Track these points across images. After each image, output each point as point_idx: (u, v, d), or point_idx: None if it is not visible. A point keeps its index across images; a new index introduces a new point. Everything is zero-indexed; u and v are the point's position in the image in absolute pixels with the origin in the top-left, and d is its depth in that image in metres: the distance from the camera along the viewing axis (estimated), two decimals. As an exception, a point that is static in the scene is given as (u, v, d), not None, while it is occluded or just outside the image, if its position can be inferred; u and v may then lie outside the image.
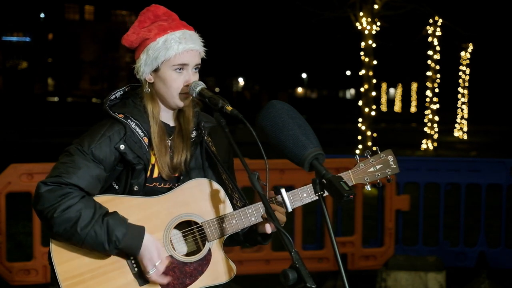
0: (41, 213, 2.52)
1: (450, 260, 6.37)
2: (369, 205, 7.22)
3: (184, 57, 2.65)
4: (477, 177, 6.53)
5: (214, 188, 2.69)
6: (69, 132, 23.23)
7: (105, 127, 2.63)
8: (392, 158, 2.77)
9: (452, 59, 26.15)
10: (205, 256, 2.64)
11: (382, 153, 2.76)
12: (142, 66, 2.66)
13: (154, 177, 2.68)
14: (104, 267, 2.58)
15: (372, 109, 13.91)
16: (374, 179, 2.74)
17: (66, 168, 2.54)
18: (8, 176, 5.32)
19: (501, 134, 29.27)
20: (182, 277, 2.62)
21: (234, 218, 2.64)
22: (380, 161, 2.75)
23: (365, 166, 2.73)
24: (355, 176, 2.72)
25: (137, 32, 2.69)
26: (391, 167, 2.76)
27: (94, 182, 2.57)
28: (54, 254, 2.57)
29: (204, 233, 2.64)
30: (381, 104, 59.32)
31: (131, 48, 2.72)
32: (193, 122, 2.75)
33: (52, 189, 2.51)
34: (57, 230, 2.50)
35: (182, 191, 2.66)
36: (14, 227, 8.05)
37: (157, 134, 2.66)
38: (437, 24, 20.13)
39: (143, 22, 2.71)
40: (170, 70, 2.65)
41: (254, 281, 6.24)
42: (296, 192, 2.68)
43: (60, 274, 2.56)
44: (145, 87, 2.69)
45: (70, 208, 2.49)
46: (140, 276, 2.60)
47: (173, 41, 2.63)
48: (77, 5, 61.08)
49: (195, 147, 2.73)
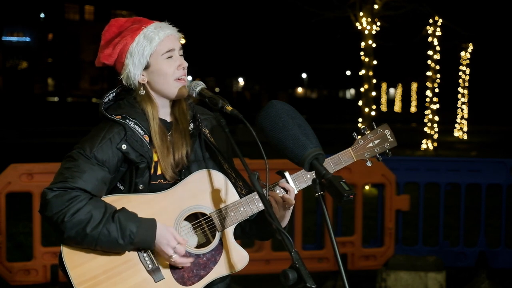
0: (51, 219, 2.51)
1: (450, 260, 6.37)
2: (369, 205, 7.22)
3: (168, 43, 2.68)
4: (477, 177, 6.53)
5: (219, 178, 2.69)
6: (69, 132, 23.24)
7: (104, 130, 2.63)
8: (389, 132, 2.80)
9: (452, 59, 26.15)
10: (217, 246, 2.66)
11: (378, 128, 2.80)
12: (132, 70, 2.67)
13: (157, 174, 2.69)
14: (118, 267, 2.57)
15: (372, 109, 13.90)
16: (374, 154, 2.77)
17: (71, 172, 2.54)
18: (8, 176, 5.32)
19: (501, 134, 29.27)
20: (196, 269, 2.63)
21: (241, 206, 2.65)
22: (377, 135, 2.78)
23: (364, 142, 2.76)
24: (356, 152, 2.75)
25: (111, 46, 2.70)
26: (389, 140, 2.79)
27: (100, 184, 2.58)
28: (66, 259, 2.56)
29: (213, 223, 2.65)
30: (381, 104, 59.29)
31: (109, 64, 2.73)
32: (189, 115, 2.76)
33: (59, 194, 2.51)
34: (69, 234, 2.50)
35: (188, 184, 2.66)
36: (14, 227, 8.05)
37: (159, 135, 2.66)
38: (437, 24, 20.13)
39: (109, 37, 2.73)
40: (161, 59, 2.67)
41: (254, 281, 6.25)
42: (300, 174, 2.70)
43: (74, 278, 2.55)
44: (140, 90, 2.69)
45: (79, 211, 2.49)
46: (155, 272, 2.60)
47: (151, 33, 2.66)
48: (77, 5, 61.08)
49: (194, 140, 2.74)
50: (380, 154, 2.78)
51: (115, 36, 2.72)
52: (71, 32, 56.36)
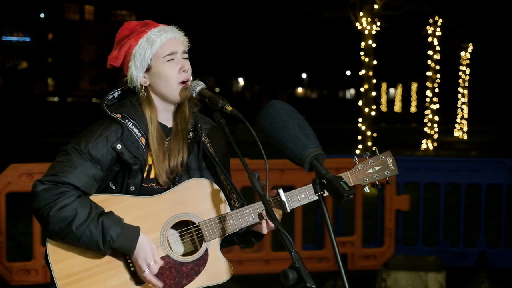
0: (37, 212, 2.53)
1: (450, 260, 6.37)
2: (369, 205, 7.21)
3: (170, 46, 2.68)
4: (477, 177, 6.52)
5: (212, 188, 2.69)
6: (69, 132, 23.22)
7: (102, 127, 2.63)
8: (391, 159, 2.74)
9: (452, 59, 26.14)
10: (202, 256, 2.64)
11: (381, 155, 2.74)
12: (134, 72, 2.68)
13: (150, 177, 2.69)
14: (100, 266, 2.58)
15: (372, 109, 13.90)
16: (373, 180, 2.72)
17: (63, 167, 2.54)
18: (8, 176, 5.32)
19: (501, 134, 29.26)
20: (178, 277, 2.62)
21: (231, 218, 2.64)
22: (378, 162, 2.72)
23: (364, 168, 2.71)
24: (354, 177, 2.71)
25: (117, 48, 2.73)
26: (390, 168, 2.73)
27: (91, 181, 2.57)
28: (50, 253, 2.57)
29: (201, 233, 2.64)
30: (381, 104, 59.30)
31: (117, 66, 2.74)
32: (191, 123, 2.75)
33: (48, 187, 2.51)
34: (52, 228, 2.50)
35: (180, 191, 2.66)
36: (14, 227, 8.05)
37: (156, 139, 2.67)
38: (437, 24, 20.13)
39: (119, 38, 2.77)
40: (162, 62, 2.67)
41: (254, 281, 6.24)
42: (294, 193, 2.67)
43: (56, 273, 2.56)
44: (141, 92, 2.70)
45: (66, 207, 2.49)
46: (136, 275, 2.60)
47: (154, 36, 2.67)
48: (77, 5, 61.08)
49: (192, 148, 2.73)
50: (379, 182, 2.73)
51: (124, 37, 2.74)
52: (71, 32, 56.36)
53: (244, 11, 50.31)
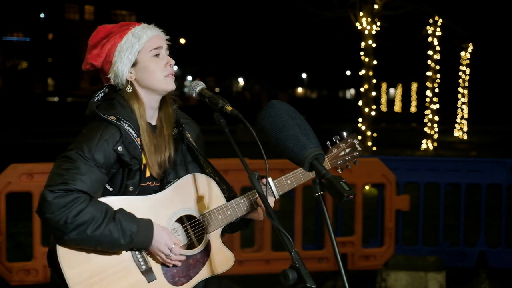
0: (51, 221, 2.52)
1: (450, 260, 6.37)
2: (369, 205, 7.21)
3: (156, 41, 2.75)
4: (477, 177, 6.52)
5: (206, 182, 2.78)
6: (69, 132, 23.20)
7: (100, 130, 2.63)
8: (357, 141, 2.99)
9: (452, 59, 26.13)
10: (205, 248, 2.75)
11: (349, 137, 2.97)
12: (120, 67, 2.71)
13: (146, 176, 2.74)
14: (113, 268, 2.63)
15: (372, 109, 13.90)
16: (345, 161, 2.95)
17: (71, 174, 2.55)
18: (8, 176, 5.32)
19: (501, 134, 29.26)
20: (187, 270, 2.73)
21: (228, 209, 2.75)
22: (348, 144, 2.96)
23: (337, 151, 2.95)
24: (330, 160, 2.93)
25: (99, 46, 2.75)
26: (358, 149, 2.97)
27: (97, 186, 2.61)
28: (62, 260, 2.58)
29: (202, 226, 2.74)
30: (381, 104, 59.31)
31: (96, 65, 2.76)
32: (174, 119, 2.80)
33: (60, 195, 2.52)
34: (70, 235, 2.52)
35: (177, 188, 2.74)
36: (14, 227, 8.05)
37: (146, 132, 2.71)
38: (437, 24, 20.12)
39: (96, 40, 2.79)
40: (149, 56, 2.72)
41: (254, 281, 6.25)
42: (282, 180, 2.82)
43: (70, 279, 2.58)
44: (127, 87, 2.72)
45: (81, 212, 2.52)
46: (148, 273, 2.66)
47: (139, 32, 2.73)
48: (77, 5, 61.03)
49: (178, 144, 2.79)
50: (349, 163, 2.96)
51: (103, 37, 2.77)
52: (71, 32, 56.29)
53: (244, 11, 50.30)
